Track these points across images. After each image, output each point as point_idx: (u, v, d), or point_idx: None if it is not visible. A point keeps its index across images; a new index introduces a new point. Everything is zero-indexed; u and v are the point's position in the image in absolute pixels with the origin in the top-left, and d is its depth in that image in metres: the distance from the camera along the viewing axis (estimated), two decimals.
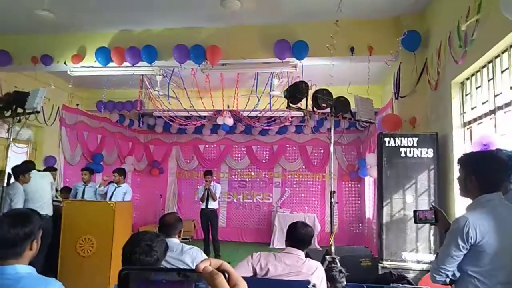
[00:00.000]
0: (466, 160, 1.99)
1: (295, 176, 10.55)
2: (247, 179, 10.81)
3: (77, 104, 8.39)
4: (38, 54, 5.68)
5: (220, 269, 0.59)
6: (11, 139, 4.72)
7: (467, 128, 3.75)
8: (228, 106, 7.51)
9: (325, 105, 4.04)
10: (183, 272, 0.59)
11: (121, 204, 5.43)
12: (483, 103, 3.42)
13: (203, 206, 7.62)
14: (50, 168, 6.39)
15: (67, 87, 7.28)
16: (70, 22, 5.28)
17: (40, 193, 5.52)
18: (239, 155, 10.95)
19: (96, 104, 8.10)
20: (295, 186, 10.51)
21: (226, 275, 0.59)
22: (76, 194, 6.38)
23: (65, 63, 5.73)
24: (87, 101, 8.52)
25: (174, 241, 2.67)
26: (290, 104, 4.02)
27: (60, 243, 4.82)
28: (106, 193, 6.47)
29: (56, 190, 6.47)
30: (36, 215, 1.79)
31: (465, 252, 1.82)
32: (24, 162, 5.90)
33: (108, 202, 5.20)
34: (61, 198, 6.24)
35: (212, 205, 7.60)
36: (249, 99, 7.00)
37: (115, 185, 6.47)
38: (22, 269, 1.64)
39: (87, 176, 6.46)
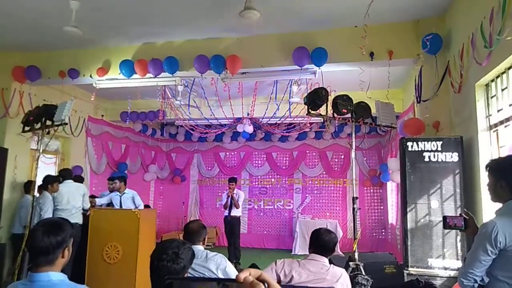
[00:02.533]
0: (495, 166, 1.98)
1: (316, 182, 10.50)
2: (267, 186, 10.83)
3: (102, 115, 8.66)
4: (65, 68, 5.92)
5: (259, 279, 0.60)
6: (41, 150, 4.92)
7: (493, 131, 3.66)
8: (248, 114, 7.58)
9: (345, 111, 4.04)
10: (222, 282, 0.60)
11: (146, 212, 5.55)
12: (510, 105, 3.34)
13: (226, 213, 7.65)
14: (78, 178, 6.59)
15: (92, 99, 7.53)
16: (95, 37, 5.48)
17: (71, 203, 5.70)
18: (259, 162, 11.00)
19: (121, 114, 8.34)
20: (315, 192, 10.45)
21: (266, 285, 0.60)
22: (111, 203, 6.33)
23: (90, 76, 5.94)
24: (111, 111, 8.78)
25: (198, 248, 2.71)
26: (310, 110, 4.03)
27: (87, 250, 4.96)
28: (109, 204, 6.28)
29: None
30: (68, 224, 1.87)
31: (493, 257, 1.79)
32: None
33: (133, 210, 5.32)
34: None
35: (235, 212, 7.62)
36: (268, 106, 7.04)
37: (118, 193, 6.27)
38: (55, 276, 1.70)
39: (117, 185, 6.38)
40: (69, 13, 4.17)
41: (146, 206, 6.85)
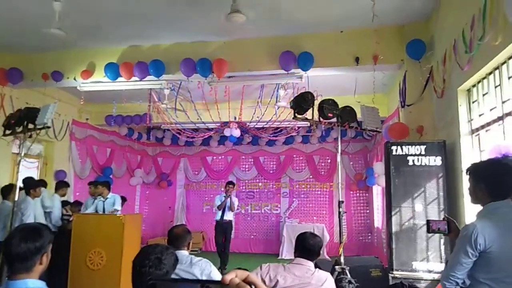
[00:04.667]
0: (474, 169, 2.02)
1: (303, 186, 10.52)
2: (254, 190, 10.81)
3: (87, 119, 8.52)
4: (49, 71, 5.81)
5: (246, 281, 0.59)
6: (22, 154, 4.80)
7: (475, 135, 3.73)
8: (235, 118, 7.57)
9: (331, 115, 4.06)
10: (206, 284, 0.59)
11: (130, 217, 5.45)
12: (491, 110, 3.41)
13: (218, 217, 7.59)
14: (62, 183, 6.45)
15: (76, 102, 7.42)
16: (79, 39, 5.41)
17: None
18: (247, 166, 10.97)
19: (106, 118, 8.22)
20: (302, 196, 10.47)
21: (253, 287, 0.59)
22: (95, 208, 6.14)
23: (74, 78, 5.85)
24: (96, 115, 8.65)
25: (183, 253, 2.67)
26: (296, 114, 4.04)
27: (70, 256, 4.85)
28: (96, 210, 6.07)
29: (67, 204, 6.50)
30: (47, 229, 1.82)
31: (474, 259, 1.82)
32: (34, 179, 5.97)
33: (118, 215, 5.23)
34: (71, 212, 6.27)
35: (228, 216, 7.59)
36: (255, 110, 7.04)
37: (101, 198, 6.07)
38: (33, 283, 1.65)
39: (99, 190, 6.16)
40: (52, 15, 4.10)
41: (122, 198, 6.64)
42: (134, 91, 6.49)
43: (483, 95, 3.57)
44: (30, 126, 4.67)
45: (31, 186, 5.42)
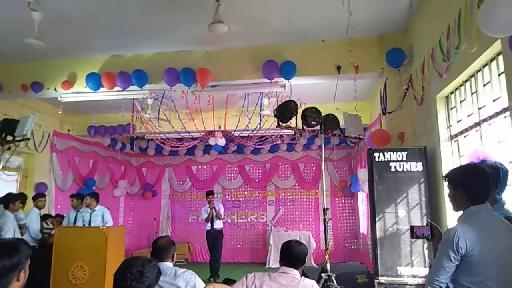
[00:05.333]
0: (452, 176, 2.06)
1: (289, 193, 10.54)
2: (240, 199, 10.77)
3: (68, 130, 8.37)
4: (28, 81, 5.70)
5: None
6: (1, 167, 4.68)
7: (454, 141, 3.82)
8: (220, 127, 7.56)
9: (314, 123, 4.10)
10: None
11: (114, 229, 5.35)
12: (468, 116, 3.50)
13: (209, 227, 7.61)
14: (39, 194, 6.30)
15: (57, 113, 7.28)
16: (60, 48, 5.33)
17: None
18: (232, 175, 10.94)
19: (88, 129, 8.10)
20: (289, 204, 10.49)
21: None
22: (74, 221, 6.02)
23: (55, 89, 5.75)
24: (78, 126, 8.51)
25: (167, 265, 2.64)
26: (280, 122, 4.07)
27: (51, 271, 4.71)
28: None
29: (49, 217, 6.35)
30: (24, 244, 1.76)
31: (456, 263, 1.84)
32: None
33: (101, 227, 5.13)
34: (53, 226, 6.12)
35: (218, 224, 7.61)
36: (239, 119, 7.06)
37: (89, 210, 5.95)
38: None
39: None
40: (32, 24, 4.03)
41: None
42: (117, 101, 6.42)
43: (461, 101, 3.66)
44: (9, 138, 4.56)
45: (10, 200, 5.28)
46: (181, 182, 11.05)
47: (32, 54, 5.32)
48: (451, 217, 3.56)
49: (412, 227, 2.22)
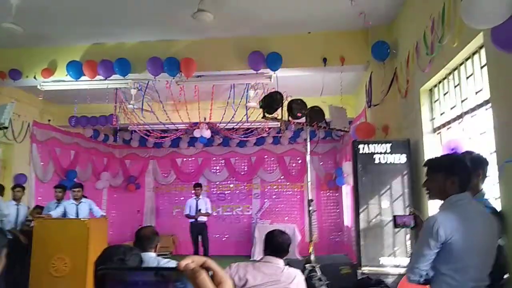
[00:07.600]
0: (442, 163, 2.02)
1: (274, 187, 10.57)
2: (226, 192, 10.74)
3: (49, 120, 8.15)
4: (6, 69, 5.52)
5: (204, 266, 0.57)
6: None
7: (437, 133, 3.87)
8: (205, 119, 7.49)
9: (300, 114, 4.10)
10: (160, 272, 0.57)
11: (96, 221, 5.27)
12: (451, 109, 3.55)
13: (192, 220, 7.62)
14: (15, 185, 6.13)
15: (38, 102, 7.08)
16: (40, 35, 5.16)
17: None
18: (218, 168, 10.89)
19: (69, 119, 7.90)
20: (274, 197, 10.51)
21: (211, 273, 0.57)
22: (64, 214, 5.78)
23: (35, 77, 5.58)
24: (59, 116, 8.29)
25: (150, 255, 2.60)
26: (266, 114, 4.05)
27: (30, 263, 4.61)
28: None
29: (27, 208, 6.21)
30: (0, 233, 1.71)
31: (436, 250, 1.86)
32: None
33: (82, 219, 5.04)
34: (32, 217, 5.97)
35: (201, 218, 7.62)
36: (225, 111, 7.00)
37: (74, 202, 5.83)
38: None
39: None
40: (9, 8, 3.89)
41: None
42: (99, 90, 6.27)
43: (444, 94, 3.71)
44: None
45: None
46: (166, 175, 10.93)
47: (11, 40, 5.13)
48: (433, 208, 3.62)
49: (394, 217, 2.25)
